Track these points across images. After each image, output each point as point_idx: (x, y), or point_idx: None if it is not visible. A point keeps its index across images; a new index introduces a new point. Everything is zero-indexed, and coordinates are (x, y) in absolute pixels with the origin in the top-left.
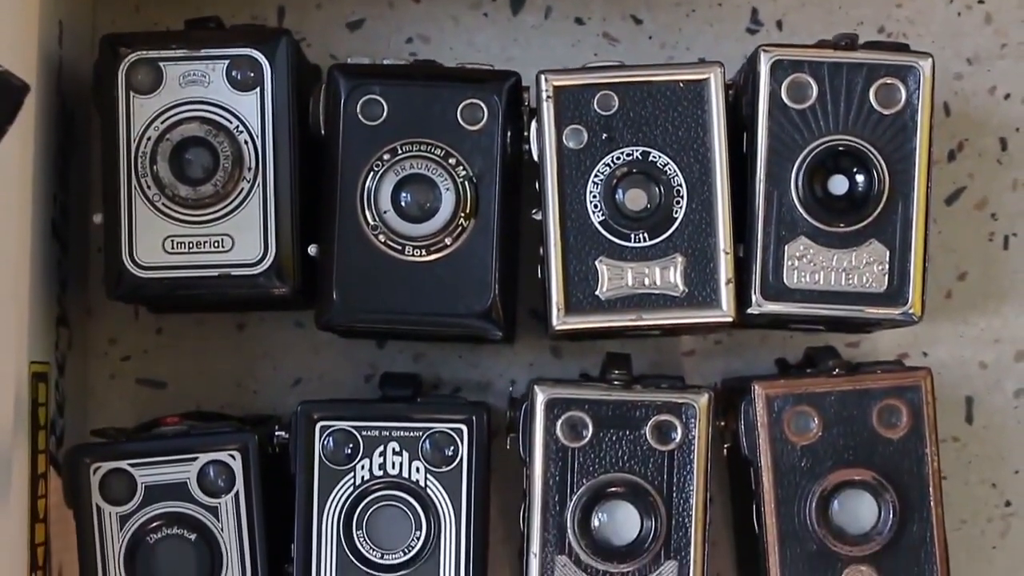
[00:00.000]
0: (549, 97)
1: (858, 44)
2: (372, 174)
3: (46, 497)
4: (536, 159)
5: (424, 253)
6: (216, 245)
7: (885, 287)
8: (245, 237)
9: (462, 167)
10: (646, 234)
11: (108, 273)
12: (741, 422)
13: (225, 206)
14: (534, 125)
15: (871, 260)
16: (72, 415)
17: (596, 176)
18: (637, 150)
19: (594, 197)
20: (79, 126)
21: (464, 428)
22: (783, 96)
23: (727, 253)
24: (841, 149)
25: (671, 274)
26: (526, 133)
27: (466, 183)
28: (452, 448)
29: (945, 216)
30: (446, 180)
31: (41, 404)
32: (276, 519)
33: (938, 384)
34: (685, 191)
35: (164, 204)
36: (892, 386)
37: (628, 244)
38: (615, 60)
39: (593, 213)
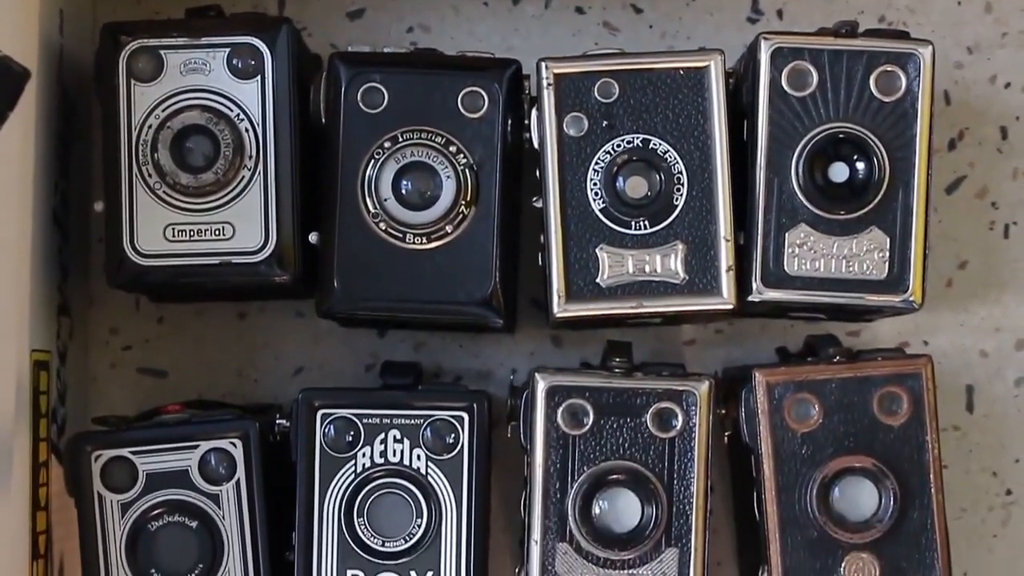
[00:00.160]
0: (550, 85)
1: (858, 32)
2: (373, 162)
3: (47, 485)
4: (537, 147)
5: (425, 241)
6: (217, 233)
7: (886, 274)
8: (246, 225)
9: (463, 155)
10: (647, 221)
11: (109, 261)
12: (742, 409)
13: (226, 194)
14: (535, 113)
15: (871, 247)
16: (73, 404)
17: (597, 164)
18: (638, 137)
19: (595, 184)
20: (80, 115)
21: (465, 416)
22: (783, 84)
23: (727, 240)
24: (841, 136)
25: (672, 261)
26: (527, 121)
27: (467, 171)
28: (453, 436)
29: (945, 205)
30: (447, 168)
31: (42, 392)
32: (277, 507)
33: (939, 373)
34: (685, 178)
35: (165, 192)
36: (893, 373)
37: (629, 231)
38: (615, 48)
39: (594, 200)
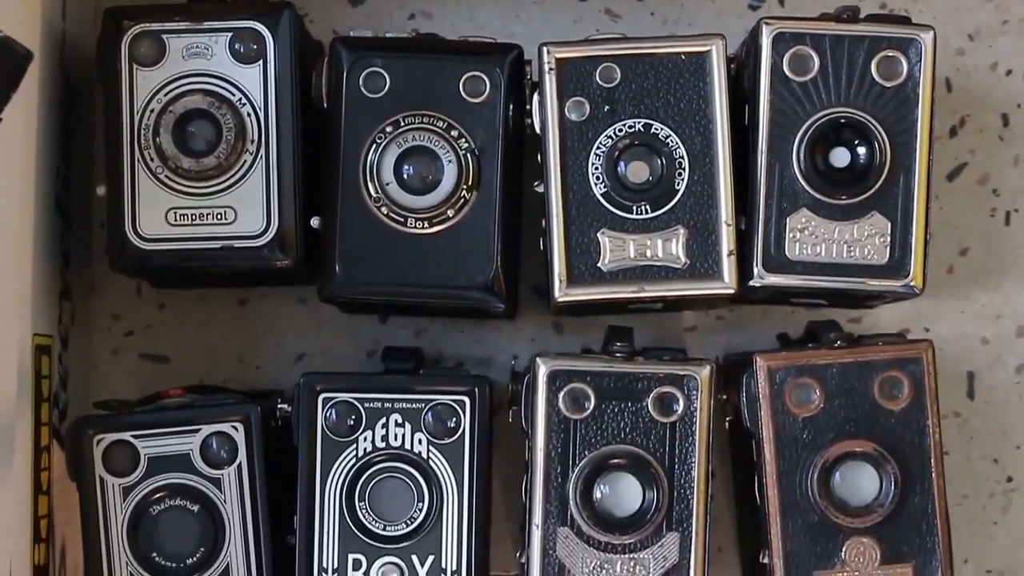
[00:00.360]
0: (551, 69)
1: (860, 17)
2: (375, 146)
3: (49, 470)
4: (538, 131)
5: (426, 225)
6: (219, 217)
7: (887, 259)
8: (248, 209)
9: (464, 139)
10: (648, 206)
11: (111, 245)
12: (743, 394)
13: (228, 178)
14: (536, 97)
15: (872, 232)
16: (75, 389)
17: (598, 148)
18: (639, 122)
19: (596, 169)
20: (82, 100)
21: (466, 400)
22: (785, 68)
23: (729, 225)
24: (843, 121)
25: (673, 246)
26: (528, 106)
27: (468, 155)
28: (454, 420)
29: (947, 192)
30: (448, 152)
31: (44, 376)
32: (279, 491)
33: (940, 360)
34: (687, 163)
35: (167, 176)
36: (894, 358)
37: (630, 216)
38: (617, 34)
39: (595, 185)
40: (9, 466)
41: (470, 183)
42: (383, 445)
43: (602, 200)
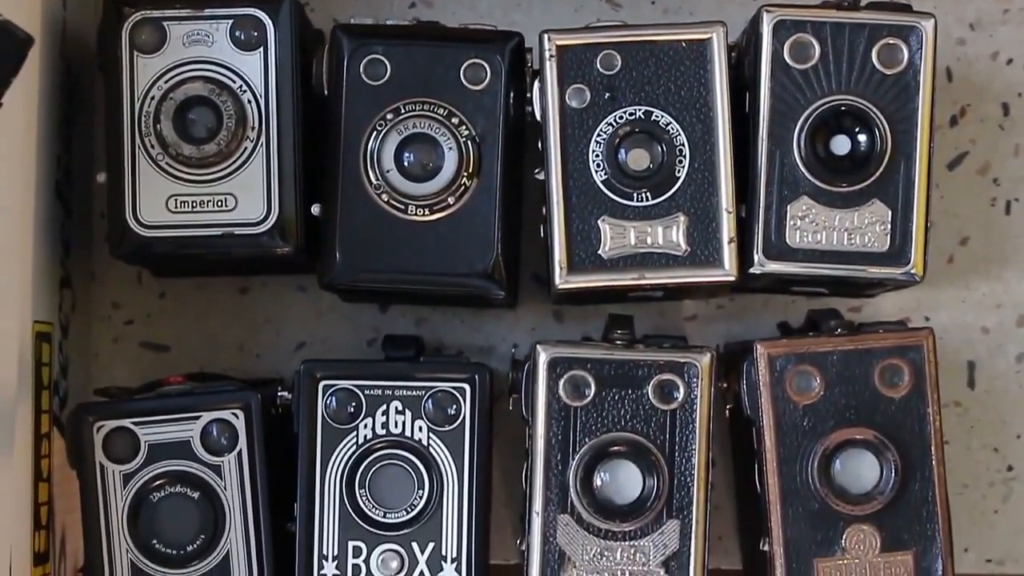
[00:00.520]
0: (552, 56)
1: (860, 4)
2: (375, 133)
3: (49, 457)
4: (539, 119)
5: (427, 212)
6: (219, 204)
7: (887, 247)
8: (248, 196)
9: (465, 127)
10: (648, 193)
11: (111, 232)
12: (743, 382)
13: (228, 165)
14: (537, 84)
15: (873, 220)
16: (75, 377)
17: (599, 135)
18: (640, 109)
19: (597, 156)
20: (83, 89)
21: (467, 387)
22: (785, 56)
23: (729, 212)
24: (843, 109)
25: (673, 233)
26: (529, 94)
27: (469, 142)
28: (454, 407)
29: (947, 181)
30: (449, 139)
31: (45, 364)
32: (279, 478)
33: (940, 349)
34: (687, 150)
35: (168, 163)
36: (894, 345)
37: (631, 203)
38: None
39: (596, 172)
40: (9, 453)
41: (471, 170)
42: (383, 432)
43: (602, 187)
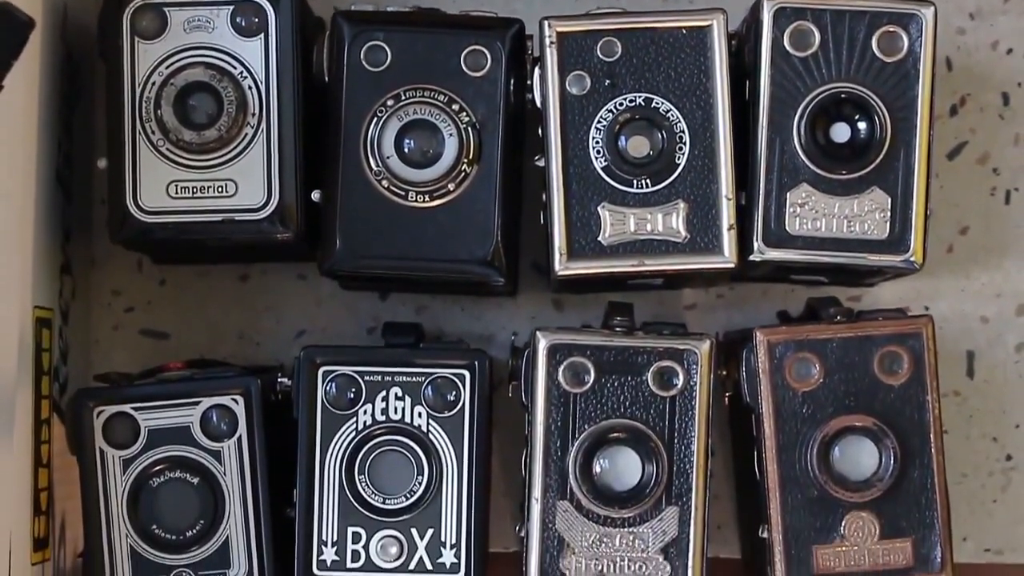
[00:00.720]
0: (552, 43)
1: None
2: (376, 120)
3: (49, 443)
4: (539, 105)
5: (427, 199)
6: (220, 190)
7: (887, 235)
8: (249, 182)
9: (465, 113)
10: (648, 180)
11: (112, 217)
12: (743, 369)
13: (229, 151)
14: (537, 71)
15: (873, 207)
16: (75, 364)
17: (599, 122)
18: (640, 96)
19: (597, 143)
20: (83, 75)
21: (466, 373)
22: (785, 44)
23: (729, 199)
24: (843, 96)
25: (673, 220)
26: (529, 81)
27: (469, 129)
28: (454, 393)
29: (947, 171)
30: (449, 126)
31: (45, 350)
32: (278, 464)
33: (939, 338)
34: (688, 137)
35: (168, 149)
36: (893, 333)
37: (630, 190)
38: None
39: (596, 159)
40: (9, 438)
41: (471, 157)
42: (383, 418)
43: (603, 174)
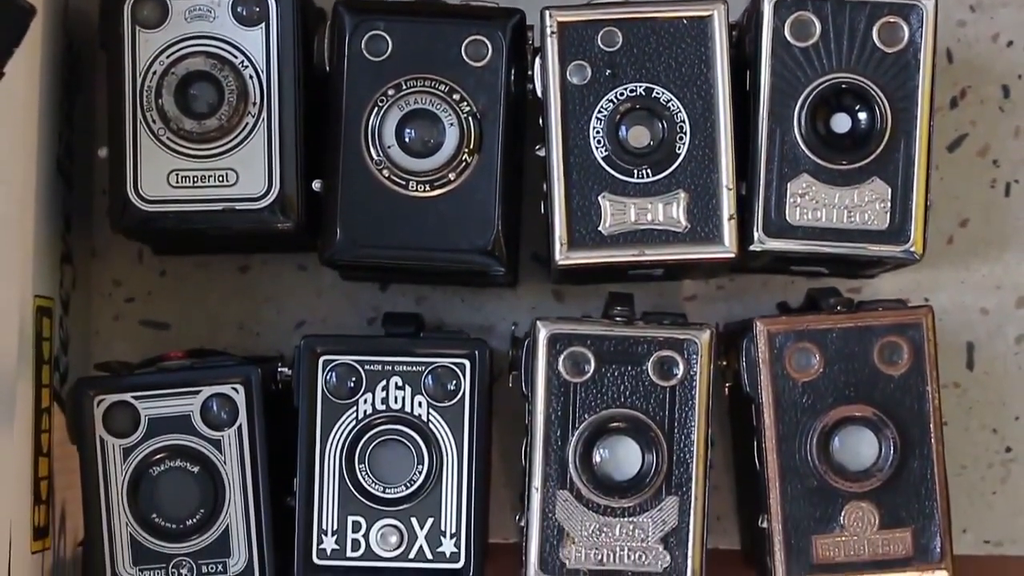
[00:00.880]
0: (553, 33)
1: None
2: (376, 109)
3: (49, 432)
4: (540, 95)
5: (428, 188)
6: (220, 179)
7: (887, 225)
8: (249, 172)
9: (466, 103)
10: (649, 170)
11: (112, 206)
12: (743, 359)
13: (230, 140)
14: (538, 61)
15: (873, 198)
16: (76, 354)
17: (600, 112)
18: (640, 86)
19: (597, 133)
20: (84, 65)
21: (466, 363)
22: (786, 34)
23: (729, 189)
24: (844, 87)
25: (674, 210)
26: (530, 72)
27: (470, 119)
28: (454, 383)
29: (947, 163)
30: (450, 116)
31: (45, 339)
32: (279, 453)
33: (939, 330)
34: (688, 127)
35: (169, 138)
36: (893, 323)
37: (631, 180)
38: None
39: (596, 149)
40: (10, 427)
41: (471, 147)
42: (383, 407)
43: (603, 164)
